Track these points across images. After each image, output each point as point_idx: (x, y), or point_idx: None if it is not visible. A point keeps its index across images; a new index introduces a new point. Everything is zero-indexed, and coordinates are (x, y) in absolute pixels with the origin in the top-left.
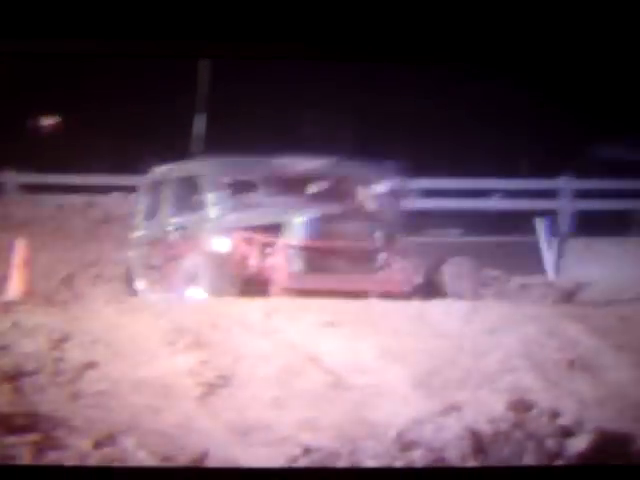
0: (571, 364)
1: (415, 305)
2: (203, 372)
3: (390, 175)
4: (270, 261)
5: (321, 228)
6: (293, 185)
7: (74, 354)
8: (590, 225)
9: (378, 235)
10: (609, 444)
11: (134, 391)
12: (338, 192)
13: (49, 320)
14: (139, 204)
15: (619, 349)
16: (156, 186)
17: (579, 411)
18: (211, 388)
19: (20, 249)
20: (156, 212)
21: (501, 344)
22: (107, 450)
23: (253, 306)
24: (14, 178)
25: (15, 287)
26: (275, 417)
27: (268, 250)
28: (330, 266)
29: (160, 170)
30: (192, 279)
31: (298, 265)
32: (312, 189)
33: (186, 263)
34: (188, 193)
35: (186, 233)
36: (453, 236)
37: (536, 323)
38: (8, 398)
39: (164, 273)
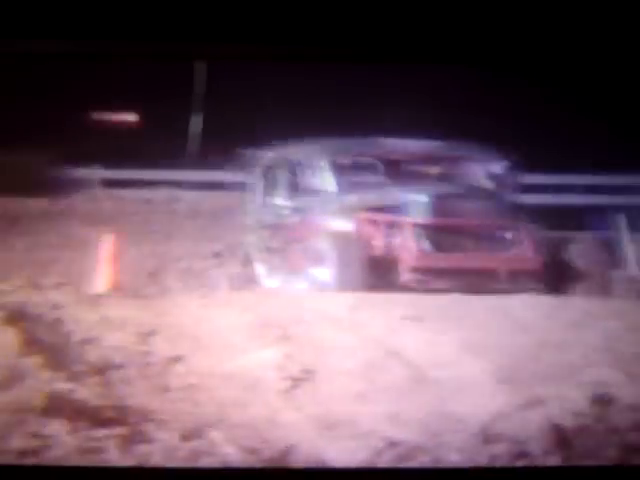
0: None
1: (498, 300)
2: (288, 366)
3: (499, 157)
4: (397, 241)
5: (447, 206)
6: (409, 166)
7: (161, 348)
8: None
9: (502, 212)
10: None
11: (221, 385)
12: (454, 173)
13: (137, 313)
14: (253, 189)
15: None
16: (268, 170)
17: None
18: (296, 382)
19: (107, 244)
20: (271, 196)
21: (584, 339)
22: (194, 443)
23: (338, 300)
24: (100, 173)
25: (103, 281)
26: (359, 411)
27: (393, 230)
28: (458, 244)
29: (271, 154)
30: (319, 261)
31: (426, 244)
32: (429, 170)
33: (312, 245)
34: (304, 176)
35: (306, 216)
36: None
37: (619, 318)
38: (96, 391)
39: (286, 256)
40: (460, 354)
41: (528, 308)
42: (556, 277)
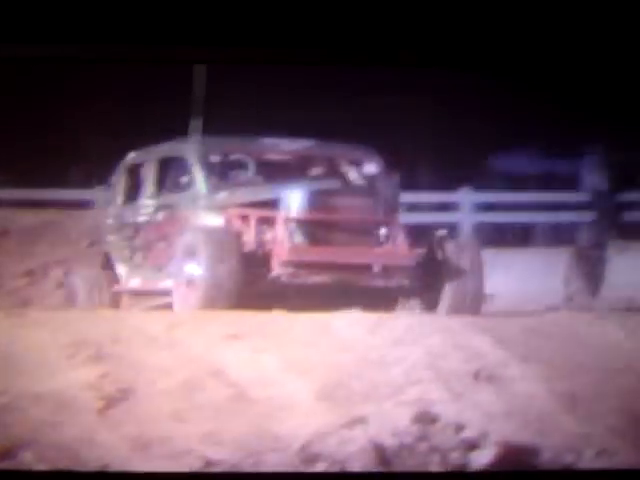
0: (476, 376)
1: (321, 317)
2: (103, 385)
3: (375, 158)
4: (269, 236)
5: (320, 201)
6: (284, 165)
7: None
8: (495, 236)
9: (378, 209)
10: (514, 457)
11: (33, 405)
12: (330, 172)
13: None
14: (115, 188)
15: (524, 360)
16: (134, 169)
17: (484, 423)
18: (111, 401)
19: None
20: (136, 195)
21: (406, 356)
22: (6, 464)
23: (155, 318)
24: None
25: None
26: (176, 430)
27: (265, 226)
28: (332, 239)
29: (138, 153)
30: (188, 256)
31: (299, 237)
32: (303, 170)
33: (180, 241)
34: (173, 173)
35: (175, 213)
36: None
37: (442, 334)
38: None
39: (153, 254)
40: (281, 373)
41: (351, 325)
42: (428, 274)
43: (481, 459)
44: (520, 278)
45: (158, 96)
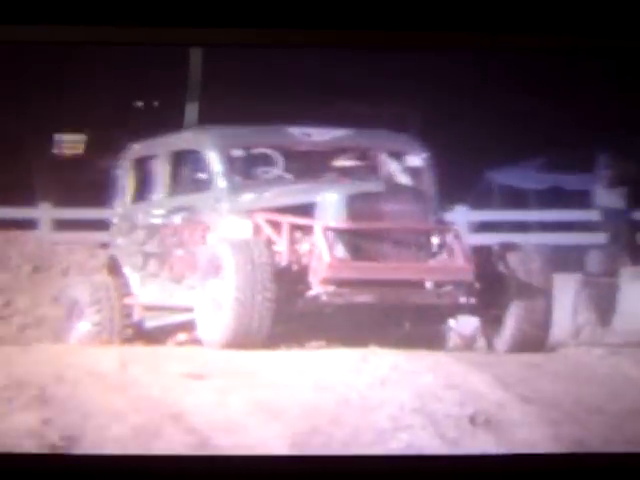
0: (473, 420)
1: (293, 353)
2: (46, 433)
3: (421, 149)
4: (305, 247)
5: (365, 206)
6: (315, 158)
7: None
8: None
9: (429, 214)
10: None
11: None
12: (368, 166)
13: None
14: (121, 184)
15: (527, 402)
16: (142, 163)
17: None
18: (55, 450)
19: None
20: (146, 192)
21: (393, 397)
22: None
23: (106, 355)
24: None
25: None
26: None
27: (300, 235)
28: (378, 252)
29: (144, 145)
30: (211, 270)
31: (340, 250)
32: (338, 163)
33: (201, 251)
34: (189, 169)
35: (193, 216)
36: None
37: (433, 373)
38: None
39: (168, 263)
40: (249, 417)
41: (330, 363)
42: (492, 291)
43: None
44: None
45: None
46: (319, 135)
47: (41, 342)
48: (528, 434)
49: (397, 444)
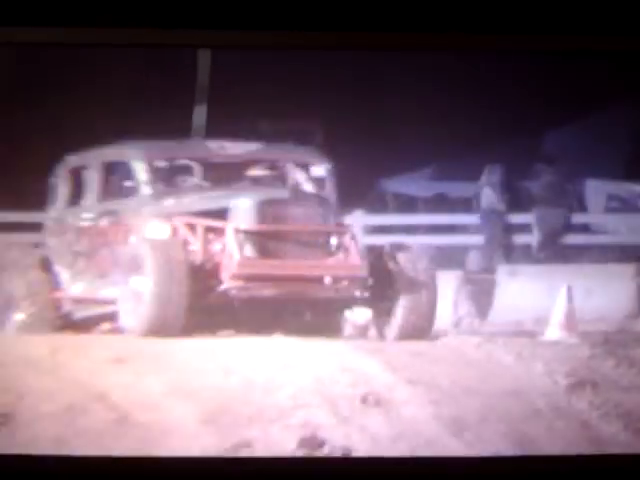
0: (364, 400)
1: (206, 341)
2: None
3: (324, 160)
4: (218, 247)
5: (271, 211)
6: (230, 169)
7: None
8: None
9: (328, 217)
10: None
11: None
12: (277, 175)
13: None
14: (56, 190)
15: (412, 384)
16: (76, 172)
17: (371, 447)
18: None
19: None
20: (78, 198)
21: (294, 380)
22: None
23: (39, 342)
24: None
25: None
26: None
27: (214, 236)
28: (283, 251)
29: (80, 156)
30: (133, 267)
31: (248, 249)
32: (251, 173)
33: (125, 250)
34: (117, 178)
35: (117, 219)
36: None
37: (329, 358)
38: None
39: (94, 261)
40: (165, 397)
41: (238, 349)
42: (383, 285)
43: None
44: None
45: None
46: (233, 148)
47: None
48: (413, 412)
49: (296, 420)
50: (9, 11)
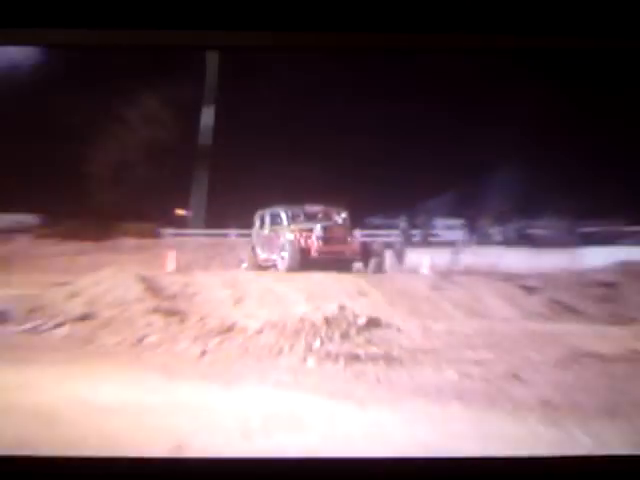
0: (360, 292)
1: (306, 274)
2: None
3: (345, 211)
4: (309, 242)
5: (327, 229)
6: (313, 215)
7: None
8: None
9: (347, 231)
10: None
11: None
12: (328, 217)
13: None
14: (255, 222)
15: (376, 288)
16: (262, 215)
17: (369, 309)
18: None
19: (172, 255)
20: (262, 224)
21: (338, 286)
22: None
23: (250, 274)
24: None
25: (171, 266)
26: None
27: (308, 238)
28: (331, 243)
29: (261, 211)
30: (282, 248)
31: (320, 242)
32: (318, 215)
33: (279, 242)
34: (275, 217)
35: (276, 232)
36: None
37: (348, 279)
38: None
39: (268, 245)
40: (299, 291)
41: (316, 277)
42: (365, 257)
43: None
44: None
45: (168, 83)
46: (312, 208)
47: None
48: (377, 299)
49: (335, 303)
50: (39, 12)
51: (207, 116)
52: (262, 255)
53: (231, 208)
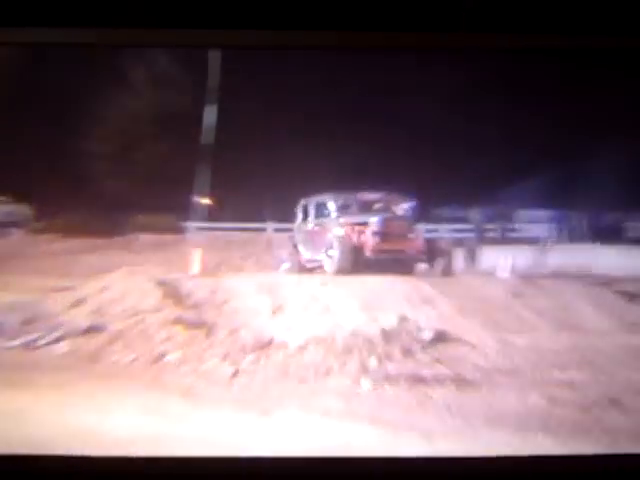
0: (423, 299)
1: (357, 277)
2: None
3: (407, 200)
4: (363, 238)
5: (385, 222)
6: (367, 204)
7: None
8: None
9: (410, 225)
10: None
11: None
12: (387, 208)
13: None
14: (297, 215)
15: (443, 294)
16: (305, 206)
17: (438, 319)
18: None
19: (197, 254)
20: (306, 217)
21: (397, 287)
22: None
23: (286, 277)
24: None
25: (196, 268)
26: None
27: (362, 233)
28: (390, 239)
29: (305, 199)
30: (330, 247)
31: (376, 239)
32: (375, 206)
33: (326, 238)
34: (322, 209)
35: (322, 226)
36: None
37: (407, 282)
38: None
39: (313, 243)
40: (347, 297)
41: (370, 280)
42: (430, 256)
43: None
44: None
45: (171, 84)
46: (367, 195)
47: None
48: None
49: (394, 302)
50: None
51: (209, 116)
52: (306, 254)
53: (267, 197)
